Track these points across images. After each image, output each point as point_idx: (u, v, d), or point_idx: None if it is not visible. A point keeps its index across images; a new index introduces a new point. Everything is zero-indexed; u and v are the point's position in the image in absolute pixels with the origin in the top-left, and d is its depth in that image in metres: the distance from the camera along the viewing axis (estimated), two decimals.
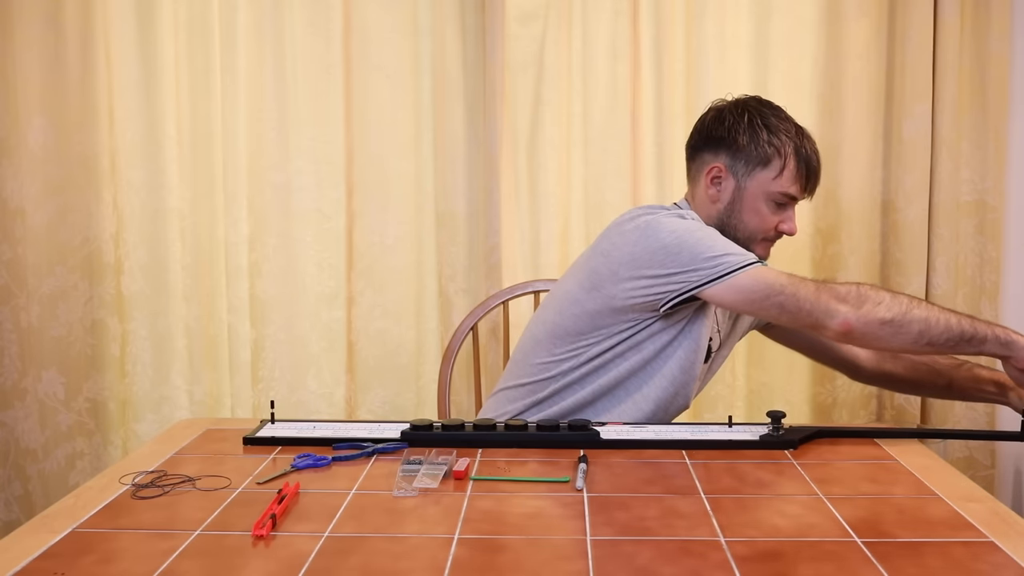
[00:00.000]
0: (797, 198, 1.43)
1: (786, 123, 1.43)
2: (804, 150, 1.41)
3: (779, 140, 1.41)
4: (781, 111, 1.46)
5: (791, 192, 1.41)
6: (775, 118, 1.43)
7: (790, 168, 1.40)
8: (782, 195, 1.41)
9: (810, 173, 1.42)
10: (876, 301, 1.28)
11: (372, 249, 2.07)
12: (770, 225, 1.44)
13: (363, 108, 2.04)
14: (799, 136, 1.42)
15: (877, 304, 1.28)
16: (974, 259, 2.06)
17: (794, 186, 1.41)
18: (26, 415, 1.96)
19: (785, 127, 1.42)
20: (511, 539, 0.94)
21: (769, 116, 1.43)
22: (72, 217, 1.97)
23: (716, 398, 2.09)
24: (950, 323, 1.26)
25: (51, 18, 1.92)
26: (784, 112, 1.46)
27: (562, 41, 2.01)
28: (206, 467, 1.18)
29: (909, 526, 0.98)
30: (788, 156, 1.40)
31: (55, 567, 0.88)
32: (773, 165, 1.41)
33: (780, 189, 1.41)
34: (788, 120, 1.44)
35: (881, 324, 1.27)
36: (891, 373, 1.56)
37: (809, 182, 1.42)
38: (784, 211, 1.43)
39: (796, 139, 1.41)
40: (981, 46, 2.00)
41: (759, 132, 1.41)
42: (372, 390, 2.10)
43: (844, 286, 1.31)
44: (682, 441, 1.28)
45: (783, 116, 1.44)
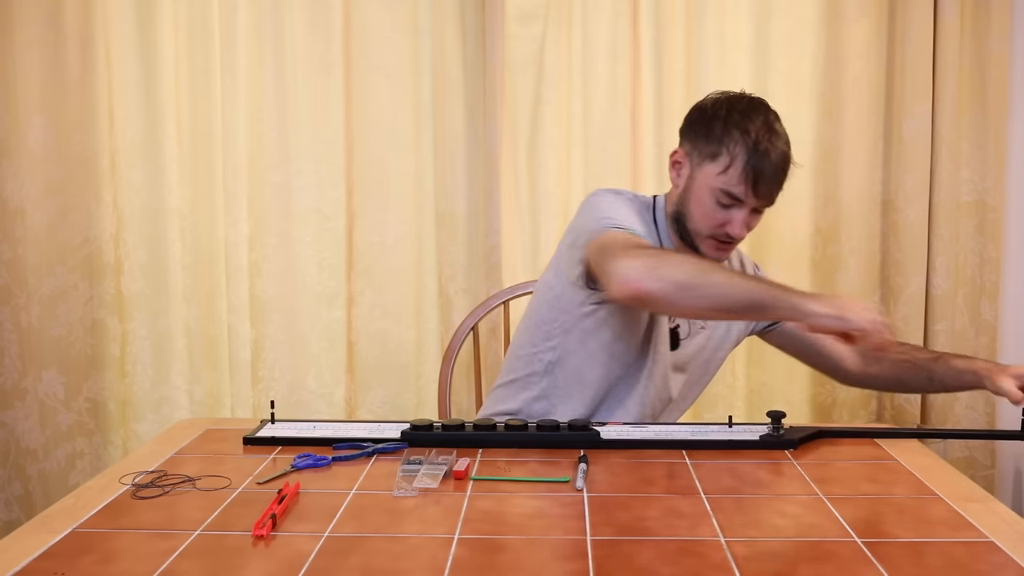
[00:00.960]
0: (742, 200, 1.36)
1: (752, 123, 1.35)
2: (759, 154, 1.34)
3: (732, 138, 1.36)
4: (757, 112, 1.38)
5: (734, 192, 1.36)
6: (741, 116, 1.37)
7: (736, 167, 1.35)
8: (724, 193, 1.37)
9: (758, 179, 1.34)
10: (676, 263, 1.25)
11: (372, 249, 2.07)
12: (714, 222, 1.39)
13: (363, 108, 2.04)
14: (762, 139, 1.34)
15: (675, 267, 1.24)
16: (974, 259, 2.06)
17: (739, 187, 1.35)
18: (26, 415, 1.96)
19: (747, 127, 1.35)
20: (511, 539, 0.94)
21: (735, 113, 1.38)
22: (72, 217, 1.97)
23: (716, 398, 2.09)
24: (748, 289, 1.23)
25: (51, 18, 1.92)
26: (764, 115, 1.38)
27: (562, 41, 2.01)
28: (206, 467, 1.18)
29: (909, 526, 0.98)
30: (737, 155, 1.35)
31: (55, 567, 0.88)
32: (720, 161, 1.36)
33: (722, 186, 1.36)
34: (757, 121, 1.36)
35: (676, 286, 1.22)
36: (876, 375, 1.55)
37: (758, 188, 1.35)
38: (730, 211, 1.38)
39: (754, 141, 1.34)
40: (981, 46, 2.00)
41: (716, 126, 1.38)
42: (372, 390, 2.10)
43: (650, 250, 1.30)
44: (682, 441, 1.27)
45: (755, 116, 1.37)
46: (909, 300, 2.05)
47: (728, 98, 1.42)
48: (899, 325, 2.07)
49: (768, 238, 2.08)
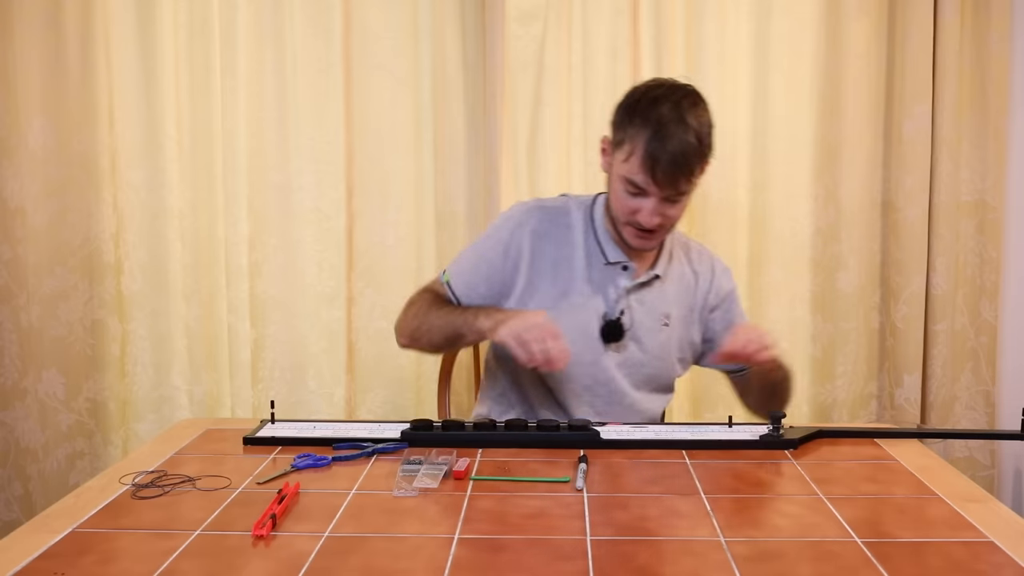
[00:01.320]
0: (646, 190, 1.36)
1: (656, 111, 1.33)
2: (657, 142, 1.32)
3: (635, 126, 1.35)
4: (666, 100, 1.35)
5: (636, 180, 1.36)
6: (648, 104, 1.35)
7: (636, 156, 1.34)
8: (628, 182, 1.37)
9: (656, 168, 1.32)
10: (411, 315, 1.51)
11: (372, 249, 2.07)
12: (626, 210, 1.40)
13: (363, 108, 2.04)
14: (662, 128, 1.32)
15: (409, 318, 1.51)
16: (974, 259, 2.06)
17: (639, 176, 1.34)
18: (26, 415, 1.96)
19: (649, 115, 1.34)
20: (511, 539, 0.94)
21: (643, 102, 1.37)
22: (72, 217, 1.97)
23: (716, 398, 2.09)
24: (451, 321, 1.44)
25: (51, 18, 1.92)
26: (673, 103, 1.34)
27: (562, 41, 2.01)
28: (206, 467, 1.18)
29: (909, 526, 0.98)
30: (637, 144, 1.34)
31: (55, 567, 0.88)
32: (624, 149, 1.37)
33: (626, 175, 1.37)
34: (661, 109, 1.34)
35: (410, 336, 1.51)
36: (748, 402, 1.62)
37: (656, 176, 1.33)
38: (639, 200, 1.38)
39: (654, 130, 1.32)
40: (981, 46, 2.00)
41: (625, 115, 1.38)
42: (372, 390, 2.10)
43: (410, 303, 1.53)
44: (682, 441, 1.27)
45: (661, 105, 1.34)
46: (909, 300, 2.05)
47: (646, 86, 1.41)
48: (899, 325, 2.07)
49: (768, 238, 2.08)
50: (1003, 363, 2.09)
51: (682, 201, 1.39)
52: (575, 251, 1.48)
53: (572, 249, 1.48)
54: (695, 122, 1.34)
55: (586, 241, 1.48)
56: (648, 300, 1.49)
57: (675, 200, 1.38)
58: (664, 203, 1.37)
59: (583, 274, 1.47)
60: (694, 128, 1.34)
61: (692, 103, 1.36)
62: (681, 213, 1.41)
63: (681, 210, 1.41)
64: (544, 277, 1.47)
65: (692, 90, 1.39)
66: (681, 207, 1.40)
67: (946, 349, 2.06)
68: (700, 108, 1.37)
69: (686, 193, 1.38)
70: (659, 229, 1.40)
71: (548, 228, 1.49)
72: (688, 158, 1.33)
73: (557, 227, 1.49)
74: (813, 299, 2.10)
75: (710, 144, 1.37)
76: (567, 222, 1.50)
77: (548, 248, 1.48)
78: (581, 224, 1.50)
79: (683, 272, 1.53)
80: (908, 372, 2.06)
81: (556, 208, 1.52)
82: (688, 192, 1.38)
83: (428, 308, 1.49)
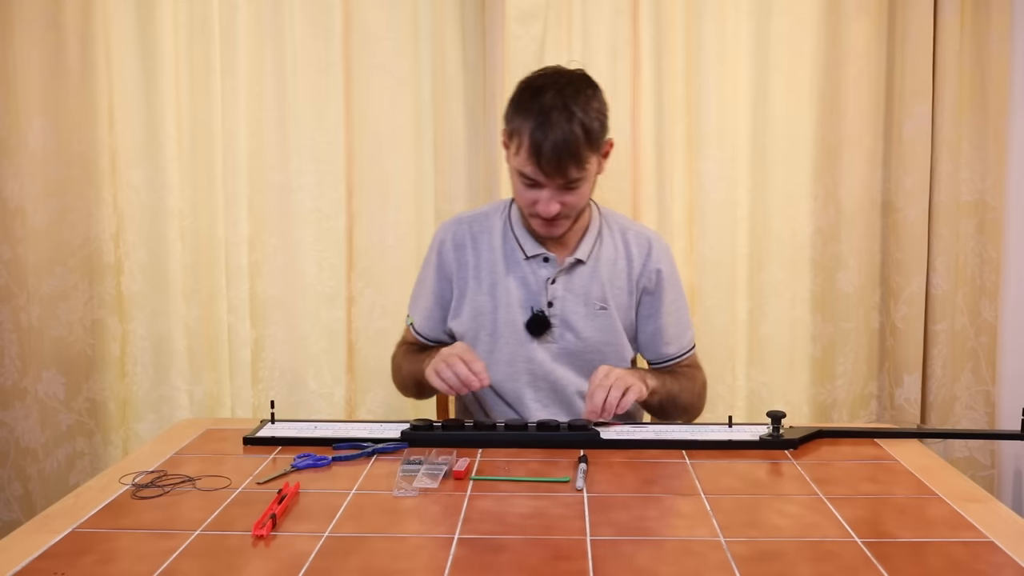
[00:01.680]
0: (536, 180, 1.36)
1: (538, 102, 1.34)
2: (539, 132, 1.32)
3: (520, 119, 1.36)
4: (548, 89, 1.35)
5: (526, 172, 1.37)
6: (531, 95, 1.36)
7: (523, 148, 1.35)
8: (520, 174, 1.39)
9: (539, 157, 1.33)
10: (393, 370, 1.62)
11: (372, 249, 2.07)
12: (526, 201, 1.41)
13: (363, 108, 2.04)
14: (544, 117, 1.33)
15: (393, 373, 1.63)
16: (974, 259, 2.06)
17: (528, 167, 1.36)
18: (26, 415, 1.96)
19: (531, 106, 1.34)
20: (511, 539, 0.94)
21: (527, 93, 1.38)
22: (72, 217, 1.97)
23: (716, 398, 2.09)
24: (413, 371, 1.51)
25: (51, 18, 1.92)
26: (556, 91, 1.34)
27: (562, 41, 2.01)
28: (206, 467, 1.18)
29: (909, 526, 0.98)
30: (523, 136, 1.35)
31: (55, 567, 0.88)
32: (514, 141, 1.39)
33: (518, 167, 1.39)
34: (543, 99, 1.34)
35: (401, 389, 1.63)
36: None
37: (541, 165, 1.34)
38: (535, 191, 1.39)
39: (535, 121, 1.33)
40: (981, 46, 2.00)
41: (511, 107, 1.40)
42: (372, 390, 2.10)
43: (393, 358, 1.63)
44: (682, 441, 1.27)
45: (544, 94, 1.35)
46: (909, 300, 2.05)
47: (532, 75, 1.41)
48: (899, 325, 2.07)
49: (768, 238, 2.08)
50: (1003, 363, 2.09)
51: (580, 188, 1.39)
52: (494, 253, 1.51)
53: (492, 252, 1.52)
54: (579, 109, 1.34)
55: (504, 241, 1.51)
56: (576, 286, 1.49)
57: (571, 188, 1.38)
58: (560, 191, 1.38)
59: (505, 273, 1.50)
60: (579, 116, 1.33)
61: (576, 90, 1.36)
62: (582, 200, 1.42)
63: (581, 197, 1.41)
64: (469, 284, 1.51)
65: (579, 76, 1.40)
66: (581, 194, 1.41)
67: (946, 349, 2.06)
68: (585, 94, 1.37)
69: (580, 179, 1.38)
70: (562, 218, 1.42)
71: (464, 238, 1.53)
72: (572, 146, 1.33)
73: (474, 234, 1.53)
74: (813, 299, 2.10)
75: (599, 129, 1.37)
76: (486, 227, 1.54)
77: (468, 257, 1.52)
78: (500, 226, 1.53)
79: (615, 255, 1.52)
80: (908, 372, 2.06)
81: (473, 217, 1.56)
82: (583, 179, 1.38)
83: (400, 362, 1.58)
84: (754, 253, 2.09)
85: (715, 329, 2.08)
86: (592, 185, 1.44)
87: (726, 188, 2.06)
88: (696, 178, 2.06)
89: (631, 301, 1.54)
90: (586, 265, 1.50)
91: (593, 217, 1.54)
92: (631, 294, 1.53)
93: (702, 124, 2.04)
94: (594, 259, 1.51)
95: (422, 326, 1.57)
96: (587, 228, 1.52)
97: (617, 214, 1.60)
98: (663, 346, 1.55)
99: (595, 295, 1.50)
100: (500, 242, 1.52)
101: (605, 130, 1.40)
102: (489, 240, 1.53)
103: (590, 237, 1.51)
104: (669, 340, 1.55)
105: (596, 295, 1.50)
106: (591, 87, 1.40)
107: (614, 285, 1.51)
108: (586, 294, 1.49)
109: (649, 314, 1.54)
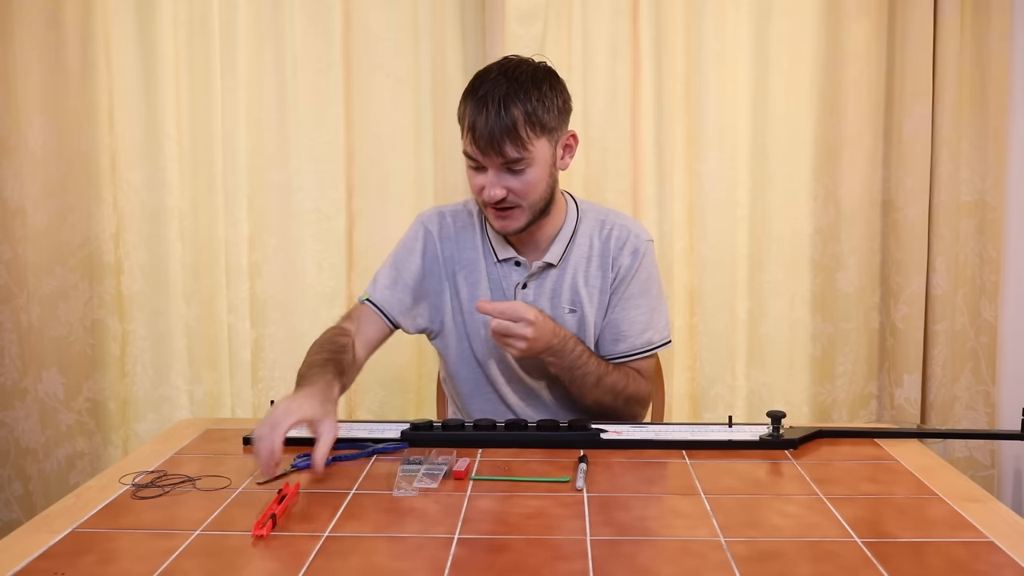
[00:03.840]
0: (478, 160, 1.36)
1: (482, 83, 1.35)
2: (478, 109, 1.33)
3: (464, 103, 1.38)
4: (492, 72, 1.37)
5: (468, 151, 1.38)
6: (478, 79, 1.38)
7: (466, 128, 1.37)
8: (467, 157, 1.39)
9: (475, 131, 1.33)
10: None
11: (372, 249, 2.07)
12: (475, 188, 1.40)
13: (363, 108, 2.04)
14: (482, 95, 1.34)
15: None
16: (974, 259, 2.06)
17: (469, 146, 1.37)
18: (26, 415, 1.96)
19: (475, 87, 1.36)
20: (511, 539, 0.94)
21: (475, 79, 1.38)
22: (72, 217, 1.97)
23: (716, 398, 2.10)
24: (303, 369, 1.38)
25: (51, 18, 1.92)
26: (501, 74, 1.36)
27: (562, 41, 2.01)
28: (206, 467, 1.18)
29: (909, 526, 0.98)
30: (465, 117, 1.37)
31: (55, 567, 0.88)
32: (462, 126, 1.39)
33: (464, 148, 1.39)
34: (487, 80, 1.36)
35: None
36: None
37: (478, 142, 1.34)
38: (481, 176, 1.38)
39: (476, 99, 1.34)
40: (981, 46, 2.00)
41: (463, 95, 1.39)
42: (372, 390, 2.10)
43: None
44: (682, 441, 1.27)
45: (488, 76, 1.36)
46: (909, 300, 2.05)
47: (489, 67, 1.41)
48: (899, 325, 2.07)
49: (768, 238, 2.08)
50: (1003, 363, 2.09)
51: (526, 172, 1.36)
52: (476, 252, 1.50)
53: (473, 251, 1.50)
54: (522, 90, 1.34)
55: (482, 243, 1.50)
56: (547, 289, 1.47)
57: (514, 171, 1.36)
58: (504, 175, 1.36)
59: (484, 275, 1.49)
60: (519, 96, 1.33)
61: (524, 73, 1.36)
62: (530, 189, 1.37)
63: (528, 185, 1.37)
64: (458, 278, 1.50)
65: (535, 64, 1.39)
66: (527, 181, 1.37)
67: (946, 349, 2.06)
68: (535, 79, 1.36)
69: (522, 161, 1.35)
70: (513, 207, 1.39)
71: (450, 231, 1.52)
72: (507, 122, 1.32)
73: (458, 229, 1.52)
74: (813, 299, 2.10)
75: (545, 114, 1.35)
76: (468, 223, 1.52)
77: (454, 251, 1.51)
78: (477, 226, 1.52)
79: (590, 253, 1.49)
80: (908, 372, 2.06)
81: (455, 212, 1.54)
82: (525, 161, 1.35)
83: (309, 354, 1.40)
84: (754, 253, 2.09)
85: (715, 329, 2.08)
86: (547, 178, 1.39)
87: (726, 188, 2.06)
88: (696, 178, 2.06)
89: (604, 300, 1.50)
90: (556, 268, 1.47)
91: (568, 217, 1.50)
92: (604, 292, 1.49)
93: (702, 124, 2.05)
94: (565, 261, 1.48)
95: (383, 301, 1.50)
96: (560, 229, 1.49)
97: (604, 208, 1.56)
98: (611, 343, 1.49)
99: (564, 298, 1.47)
100: (479, 242, 1.50)
101: (559, 118, 1.38)
102: (471, 238, 1.51)
103: (562, 239, 1.48)
104: (619, 337, 1.48)
105: (565, 298, 1.47)
106: (547, 75, 1.39)
107: (589, 284, 1.48)
108: (554, 297, 1.47)
109: (611, 306, 1.49)
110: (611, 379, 1.44)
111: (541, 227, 1.46)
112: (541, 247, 1.48)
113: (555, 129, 1.38)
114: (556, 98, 1.38)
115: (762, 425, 1.32)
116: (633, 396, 1.47)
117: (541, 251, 1.48)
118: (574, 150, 1.45)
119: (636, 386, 1.47)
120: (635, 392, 1.47)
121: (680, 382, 2.09)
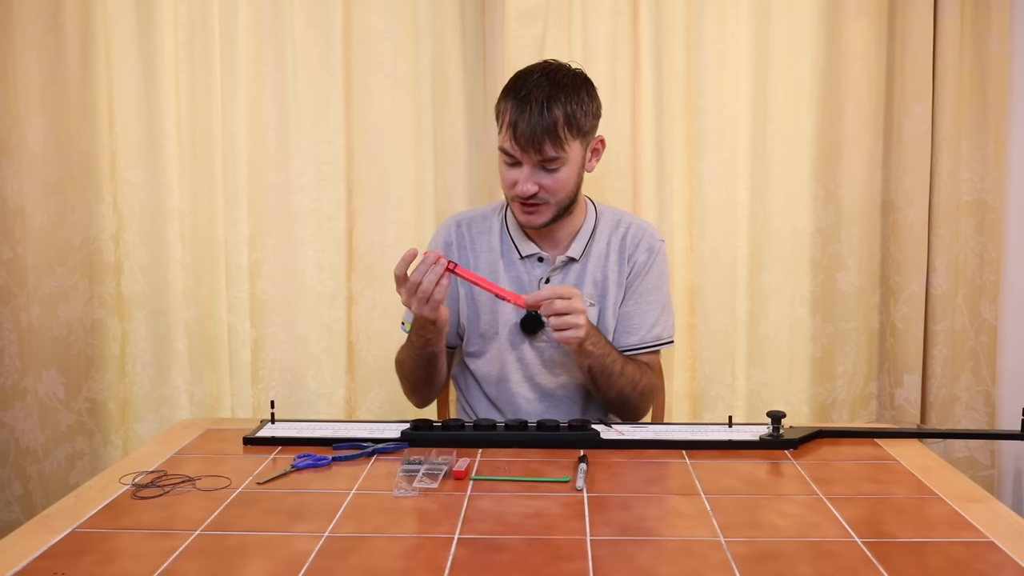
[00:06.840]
0: (515, 156, 1.43)
1: (524, 83, 1.43)
2: (521, 107, 1.40)
3: (505, 101, 1.44)
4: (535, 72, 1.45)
5: (506, 148, 1.44)
6: (519, 79, 1.45)
7: (506, 125, 1.43)
8: (502, 151, 1.45)
9: (517, 129, 1.40)
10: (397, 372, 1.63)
11: (372, 249, 2.07)
12: (507, 183, 1.47)
13: (363, 108, 2.04)
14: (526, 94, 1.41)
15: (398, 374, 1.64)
16: (974, 259, 2.06)
17: (507, 142, 1.43)
18: (26, 415, 1.96)
19: (516, 86, 1.43)
20: (511, 539, 0.94)
21: (515, 79, 1.46)
22: (72, 217, 1.97)
23: (716, 398, 2.09)
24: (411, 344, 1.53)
25: (51, 18, 1.92)
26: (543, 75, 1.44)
27: (562, 41, 2.01)
28: (206, 467, 1.18)
29: (909, 526, 0.98)
30: (506, 114, 1.43)
31: (55, 567, 0.88)
32: (499, 122, 1.46)
33: (500, 144, 1.46)
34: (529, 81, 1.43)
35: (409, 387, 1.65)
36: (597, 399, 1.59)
37: (517, 138, 1.40)
38: (515, 170, 1.45)
39: (518, 97, 1.41)
40: (981, 46, 2.00)
41: (502, 92, 1.47)
42: (372, 390, 2.10)
43: None
44: (682, 441, 1.28)
45: (529, 77, 1.44)
46: (909, 300, 2.05)
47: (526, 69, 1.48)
48: (899, 325, 2.07)
49: (768, 238, 2.08)
50: (1003, 363, 2.09)
51: (559, 171, 1.43)
52: (493, 253, 1.56)
53: (491, 252, 1.56)
54: (563, 93, 1.41)
55: (502, 242, 1.56)
56: (569, 284, 1.52)
57: (549, 169, 1.43)
58: (538, 171, 1.43)
59: (503, 273, 1.54)
60: (561, 97, 1.40)
61: (564, 76, 1.44)
62: (561, 187, 1.45)
63: (560, 183, 1.44)
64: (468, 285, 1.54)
65: (573, 70, 1.47)
66: (559, 179, 1.44)
67: (946, 349, 2.06)
68: (574, 84, 1.44)
69: (558, 160, 1.42)
70: (541, 203, 1.45)
71: (465, 239, 1.58)
72: (549, 121, 1.39)
73: (474, 235, 1.58)
74: (813, 299, 2.10)
75: (583, 118, 1.43)
76: (486, 227, 1.58)
77: (470, 257, 1.57)
78: (497, 227, 1.58)
79: (608, 250, 1.56)
80: (908, 372, 2.06)
81: (472, 218, 1.60)
82: (561, 160, 1.42)
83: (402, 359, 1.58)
84: (754, 253, 2.09)
85: (715, 329, 2.08)
86: (576, 177, 1.48)
87: (726, 188, 2.06)
88: (696, 178, 2.06)
89: (620, 295, 1.57)
90: (578, 263, 1.54)
91: (588, 216, 1.58)
92: (620, 286, 1.57)
93: (702, 124, 2.05)
94: (586, 256, 1.55)
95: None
96: (581, 227, 1.56)
97: (618, 210, 1.64)
98: (623, 335, 1.56)
99: (586, 292, 1.53)
100: (498, 242, 1.56)
101: (592, 123, 1.46)
102: (490, 240, 1.57)
103: (583, 235, 1.56)
104: (632, 330, 1.56)
105: (587, 292, 1.53)
106: (584, 82, 1.47)
107: (608, 280, 1.55)
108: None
109: (625, 300, 1.57)
110: (629, 369, 1.50)
111: (563, 225, 1.53)
112: (562, 244, 1.55)
113: (588, 132, 1.47)
114: (592, 103, 1.46)
115: (762, 425, 1.32)
116: (646, 388, 1.54)
117: (563, 247, 1.55)
118: (600, 154, 1.53)
119: (648, 379, 1.54)
120: (648, 385, 1.54)
121: (680, 382, 2.09)
